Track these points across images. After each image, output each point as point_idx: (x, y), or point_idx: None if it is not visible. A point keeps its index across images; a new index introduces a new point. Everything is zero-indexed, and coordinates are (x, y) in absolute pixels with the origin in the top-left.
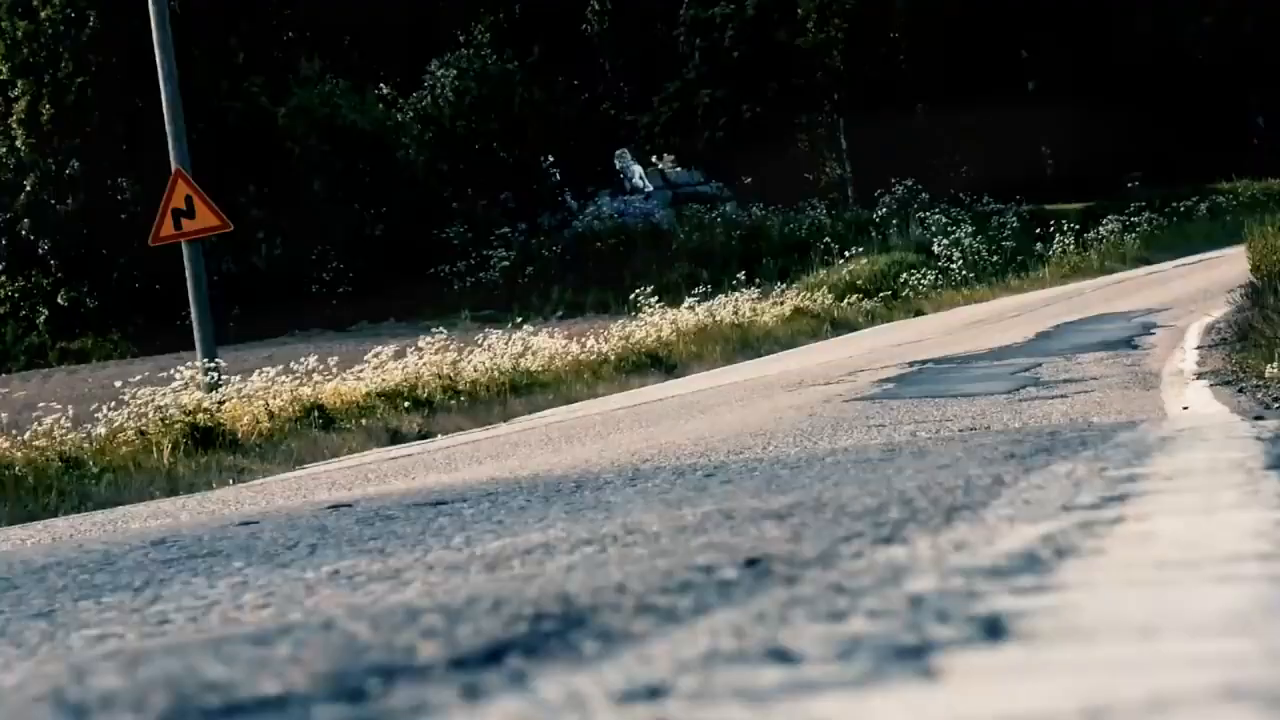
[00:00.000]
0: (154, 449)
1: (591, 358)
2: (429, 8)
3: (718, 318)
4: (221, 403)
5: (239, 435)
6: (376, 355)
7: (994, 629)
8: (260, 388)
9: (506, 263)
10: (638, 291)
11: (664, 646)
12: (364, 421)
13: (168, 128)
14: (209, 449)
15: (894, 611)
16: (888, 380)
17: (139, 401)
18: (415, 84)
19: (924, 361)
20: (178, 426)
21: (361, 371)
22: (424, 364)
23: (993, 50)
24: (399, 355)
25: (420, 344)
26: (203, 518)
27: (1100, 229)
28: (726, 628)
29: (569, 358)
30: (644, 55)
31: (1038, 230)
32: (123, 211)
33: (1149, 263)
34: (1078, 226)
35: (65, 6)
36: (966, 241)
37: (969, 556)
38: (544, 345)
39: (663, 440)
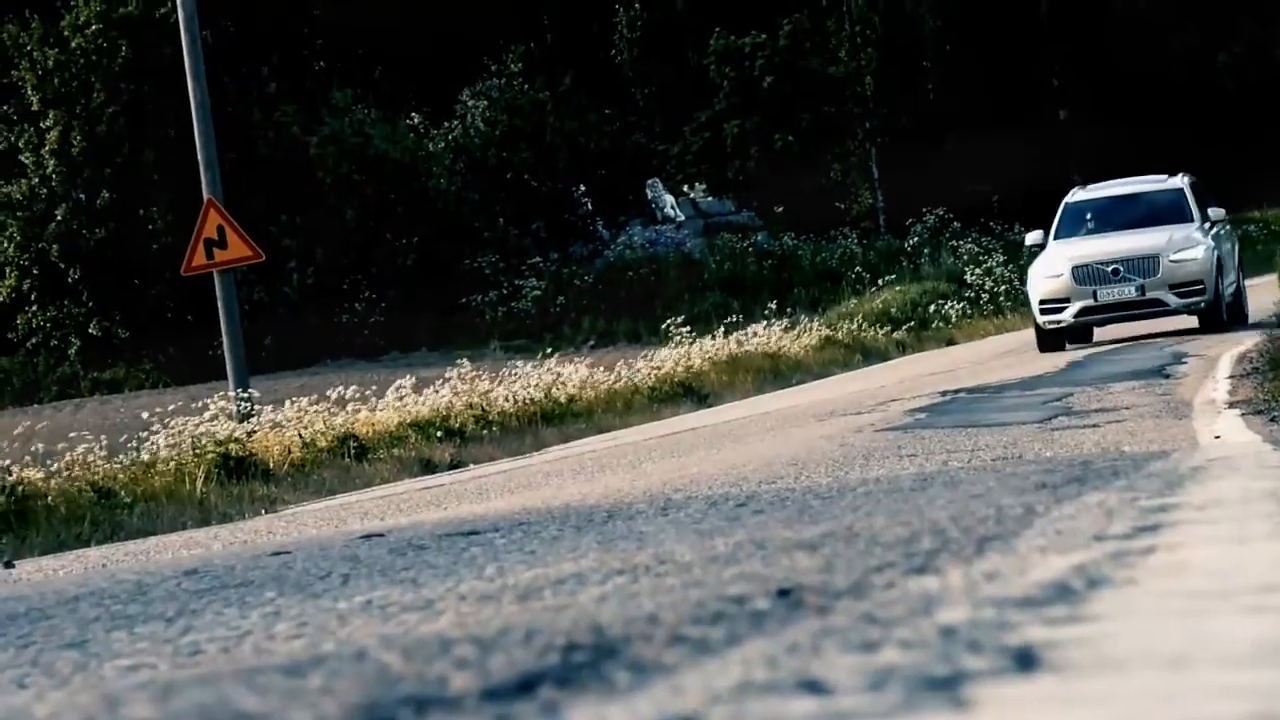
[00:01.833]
0: (186, 479)
1: (623, 387)
2: (460, 38)
3: (749, 347)
4: (253, 432)
5: (271, 465)
6: (408, 385)
7: (1026, 659)
8: (292, 417)
9: (538, 292)
10: (669, 321)
11: (696, 677)
12: (396, 451)
13: (200, 157)
14: (241, 479)
15: (926, 642)
16: (920, 410)
17: (171, 431)
18: (447, 114)
19: (956, 391)
20: (210, 456)
21: (393, 401)
22: (456, 394)
23: (1024, 79)
24: (430, 385)
25: (451, 374)
26: (235, 548)
27: None
28: (759, 658)
29: (601, 387)
30: (675, 85)
31: None
32: (154, 241)
33: None
34: None
35: (97, 36)
36: (999, 270)
37: (1001, 587)
38: (576, 375)
39: (695, 470)
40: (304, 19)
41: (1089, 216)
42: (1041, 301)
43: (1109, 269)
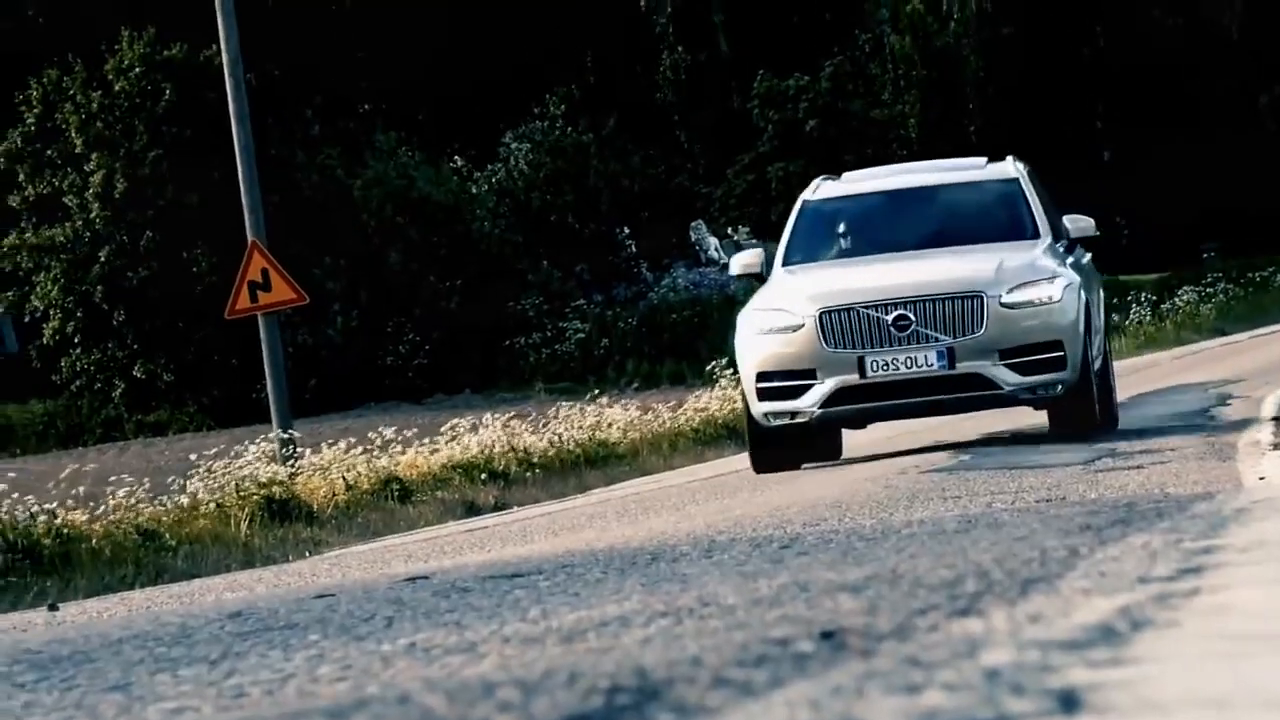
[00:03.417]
0: (230, 521)
1: (667, 429)
2: (503, 80)
3: None
4: (296, 475)
5: (315, 507)
6: (452, 427)
7: (1069, 702)
8: (336, 460)
9: (582, 334)
10: (713, 363)
11: None
12: (440, 494)
13: (244, 200)
14: (285, 521)
15: (970, 684)
16: (963, 451)
17: (215, 474)
18: (490, 156)
19: (1000, 432)
20: (254, 499)
21: (437, 443)
22: (499, 436)
23: (1067, 122)
24: (474, 427)
25: (496, 416)
26: (279, 590)
27: (1176, 299)
28: (802, 701)
29: (645, 429)
30: (718, 127)
31: (1114, 301)
32: (198, 284)
33: (1224, 333)
34: (1154, 297)
35: (141, 79)
36: None
37: (1045, 629)
38: (619, 417)
39: (738, 512)
40: (348, 62)
41: (845, 228)
42: (761, 376)
43: (889, 318)
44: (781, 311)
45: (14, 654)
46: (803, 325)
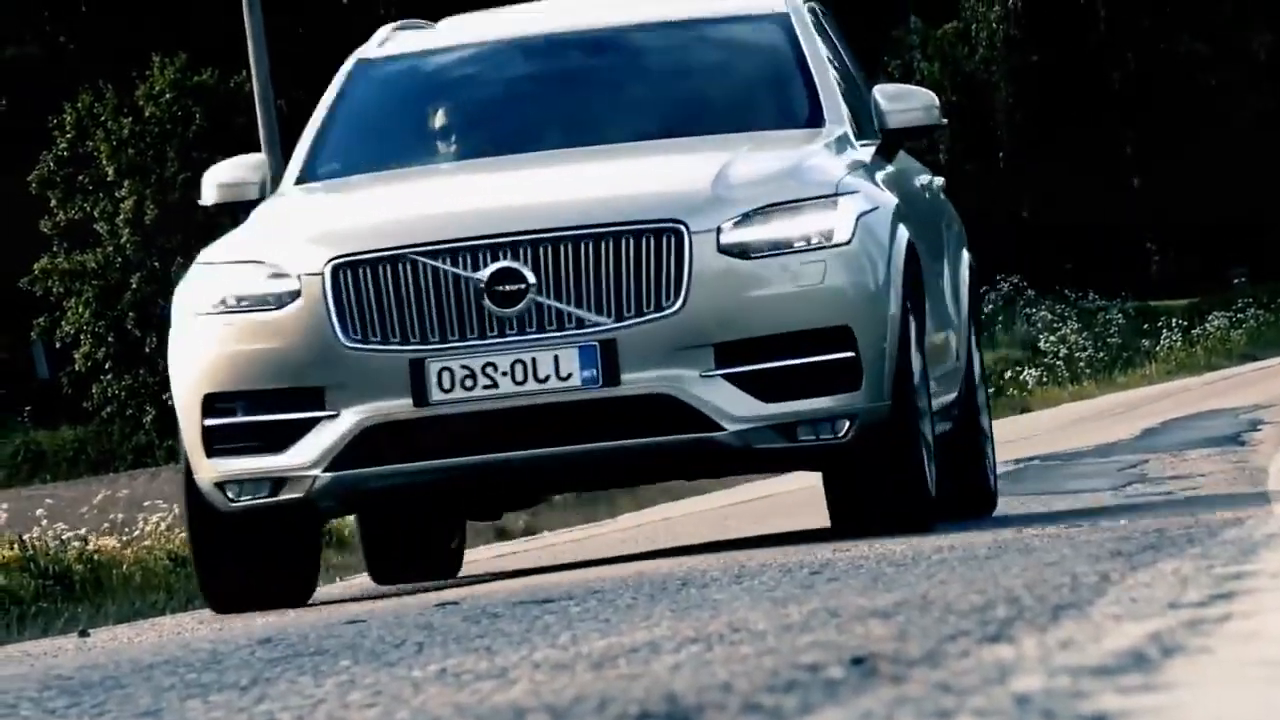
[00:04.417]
0: None
1: None
2: None
3: None
4: None
5: (346, 533)
6: None
7: None
8: None
9: None
10: None
11: None
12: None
13: None
14: None
15: (1001, 711)
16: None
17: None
18: None
19: (1030, 458)
20: None
21: None
22: None
23: (1097, 148)
24: None
25: None
26: (309, 616)
27: (1206, 325)
28: None
29: None
30: None
31: (1144, 326)
32: None
33: (1255, 359)
34: (1184, 323)
35: (172, 105)
36: (1073, 338)
37: (1076, 655)
38: None
39: (769, 536)
40: None
41: (442, 112)
42: (211, 404)
43: (480, 277)
44: (257, 266)
45: (45, 679)
46: (297, 295)
